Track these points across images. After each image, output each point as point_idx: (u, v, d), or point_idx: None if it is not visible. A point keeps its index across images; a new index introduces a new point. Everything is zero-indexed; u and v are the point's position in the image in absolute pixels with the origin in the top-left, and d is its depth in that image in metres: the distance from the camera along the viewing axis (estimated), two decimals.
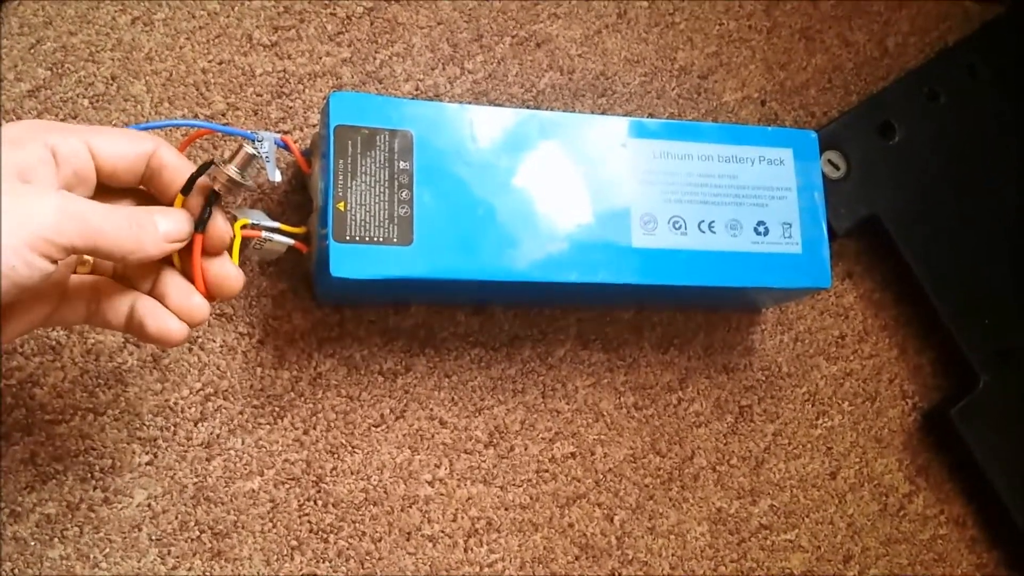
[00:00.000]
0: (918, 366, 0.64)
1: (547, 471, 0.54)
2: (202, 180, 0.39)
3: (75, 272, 0.39)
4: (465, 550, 0.52)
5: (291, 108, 0.53)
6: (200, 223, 0.38)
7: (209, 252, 0.40)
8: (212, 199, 0.39)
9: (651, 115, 0.61)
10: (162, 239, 0.37)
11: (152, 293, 0.39)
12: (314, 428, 0.50)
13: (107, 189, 0.38)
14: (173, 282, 0.39)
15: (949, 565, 0.62)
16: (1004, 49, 0.68)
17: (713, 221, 0.51)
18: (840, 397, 0.62)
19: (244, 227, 0.44)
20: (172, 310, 0.38)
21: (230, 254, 0.41)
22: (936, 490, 0.63)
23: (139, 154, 0.37)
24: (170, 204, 0.39)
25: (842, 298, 0.64)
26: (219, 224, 0.39)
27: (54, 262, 0.32)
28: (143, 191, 0.40)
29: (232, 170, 0.39)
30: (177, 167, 0.38)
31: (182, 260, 0.39)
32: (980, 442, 0.61)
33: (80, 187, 0.36)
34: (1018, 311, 0.65)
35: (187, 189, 0.38)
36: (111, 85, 0.51)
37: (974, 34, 0.69)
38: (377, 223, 0.45)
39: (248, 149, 0.39)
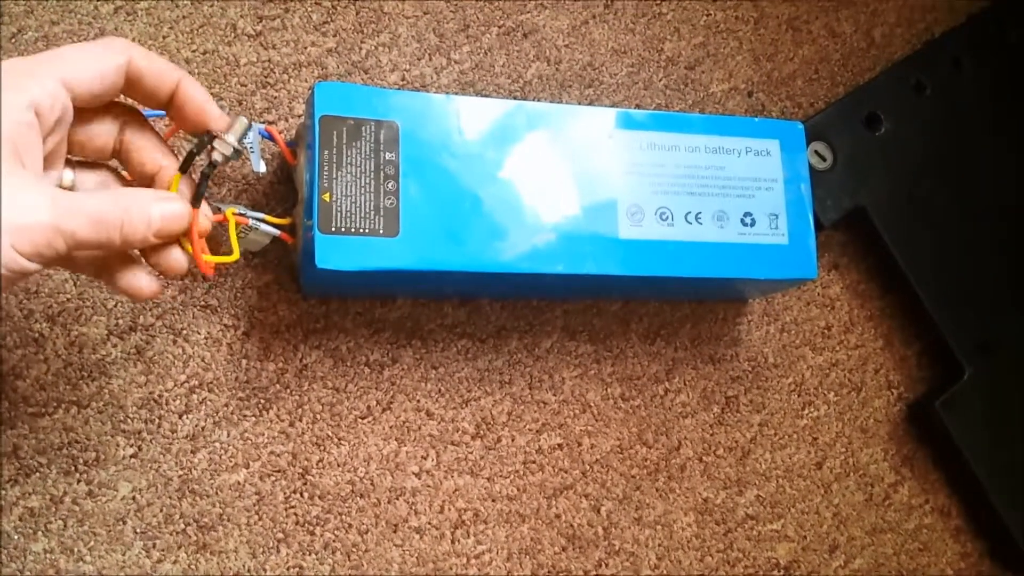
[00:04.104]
0: (904, 357, 0.65)
1: (534, 462, 0.54)
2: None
3: None
4: (452, 542, 0.52)
5: (276, 98, 0.53)
6: (196, 197, 0.39)
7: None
8: (207, 171, 0.39)
9: (638, 106, 0.61)
10: (152, 235, 0.37)
11: None
12: (300, 420, 0.50)
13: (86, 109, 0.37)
14: None
15: (934, 554, 0.63)
16: (989, 41, 0.68)
17: (700, 212, 0.51)
18: (826, 387, 0.62)
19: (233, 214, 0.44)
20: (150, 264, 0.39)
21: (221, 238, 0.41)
22: (921, 480, 0.63)
23: (116, 69, 0.37)
24: (158, 108, 0.39)
25: (828, 289, 0.64)
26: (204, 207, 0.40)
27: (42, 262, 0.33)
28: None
29: (230, 138, 0.39)
30: (154, 72, 0.38)
31: None
32: (965, 433, 0.61)
33: (60, 128, 0.36)
34: (1003, 303, 0.65)
35: (185, 167, 0.39)
36: None
37: (960, 26, 0.69)
38: (363, 214, 0.45)
39: (244, 118, 0.40)
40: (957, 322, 0.63)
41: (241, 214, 0.45)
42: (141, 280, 0.39)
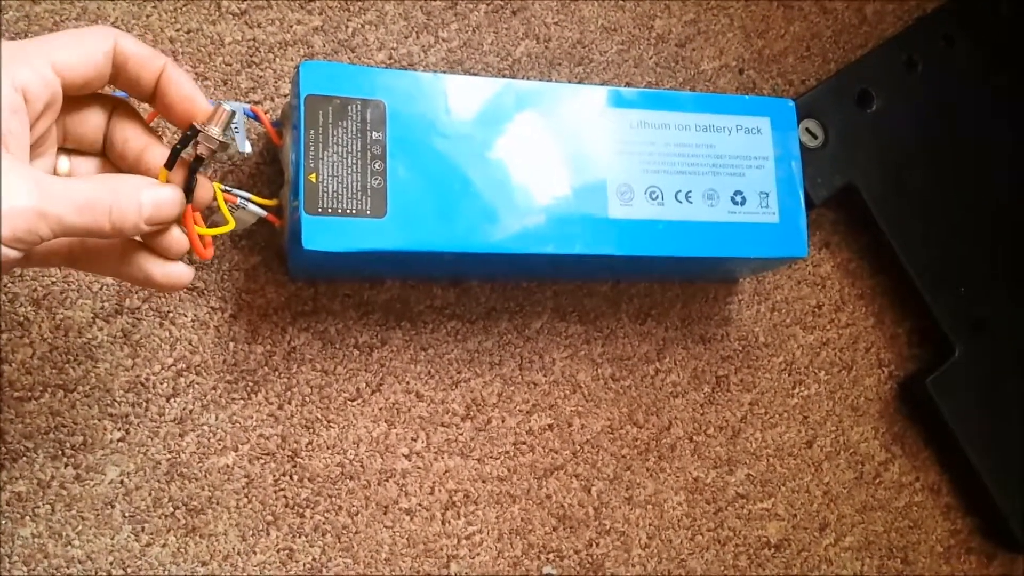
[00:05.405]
0: (894, 335, 0.65)
1: (524, 443, 0.54)
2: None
3: None
4: (443, 523, 0.52)
5: (261, 78, 0.52)
6: (188, 192, 0.38)
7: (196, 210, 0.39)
8: (195, 166, 0.38)
9: (628, 84, 0.60)
10: (144, 222, 0.36)
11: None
12: (289, 403, 0.50)
13: (76, 97, 0.37)
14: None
15: (924, 532, 0.63)
16: (981, 18, 0.68)
17: (690, 191, 0.51)
18: (817, 366, 0.62)
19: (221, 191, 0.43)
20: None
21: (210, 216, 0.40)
22: (911, 458, 0.63)
23: (104, 53, 0.36)
24: (143, 98, 0.38)
25: (819, 268, 0.64)
26: (204, 189, 0.39)
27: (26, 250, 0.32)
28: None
29: (215, 131, 0.38)
30: (140, 57, 0.37)
31: None
32: (955, 411, 0.61)
33: (49, 114, 0.35)
34: (993, 281, 0.65)
35: (171, 163, 0.37)
36: None
37: (951, 2, 0.69)
38: (350, 195, 0.44)
39: (227, 106, 0.38)
40: (947, 300, 0.63)
41: (227, 191, 0.44)
42: (179, 267, 0.38)
